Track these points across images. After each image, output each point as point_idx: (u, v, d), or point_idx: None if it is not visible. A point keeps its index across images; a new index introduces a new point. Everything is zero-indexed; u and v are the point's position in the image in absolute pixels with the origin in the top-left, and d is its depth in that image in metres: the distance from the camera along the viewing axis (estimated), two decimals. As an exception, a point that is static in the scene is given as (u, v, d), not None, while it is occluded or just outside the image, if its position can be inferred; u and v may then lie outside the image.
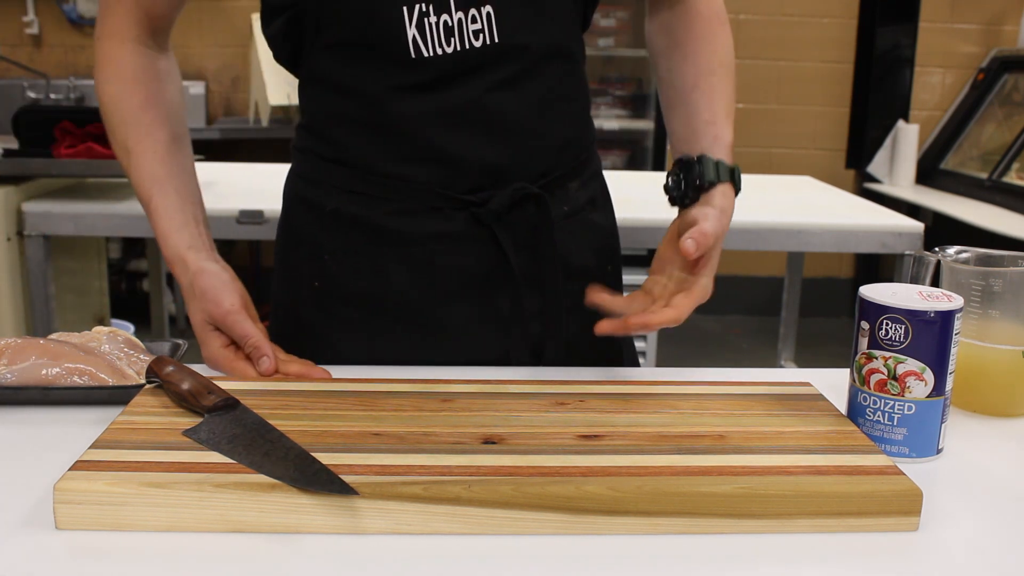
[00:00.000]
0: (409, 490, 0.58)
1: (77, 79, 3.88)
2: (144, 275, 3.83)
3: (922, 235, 2.08)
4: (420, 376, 0.81)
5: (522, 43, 0.88)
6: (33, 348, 0.81)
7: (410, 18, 0.85)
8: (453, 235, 0.91)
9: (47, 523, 0.59)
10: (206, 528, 0.58)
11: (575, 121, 0.97)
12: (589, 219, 0.99)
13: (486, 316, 0.93)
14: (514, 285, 0.92)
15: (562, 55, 0.92)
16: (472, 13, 0.85)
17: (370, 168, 0.91)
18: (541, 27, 0.89)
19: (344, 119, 0.91)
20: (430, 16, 0.85)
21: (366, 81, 0.89)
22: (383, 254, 0.92)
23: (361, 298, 0.94)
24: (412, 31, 0.85)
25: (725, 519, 0.60)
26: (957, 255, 0.84)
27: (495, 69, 0.88)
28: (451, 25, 0.85)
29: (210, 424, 0.67)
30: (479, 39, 0.86)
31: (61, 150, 2.01)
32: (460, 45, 0.86)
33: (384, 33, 0.86)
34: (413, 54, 0.86)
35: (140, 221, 2.01)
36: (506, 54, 0.88)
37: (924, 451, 0.72)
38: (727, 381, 0.82)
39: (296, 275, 0.98)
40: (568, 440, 0.67)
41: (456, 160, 0.89)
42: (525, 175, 0.91)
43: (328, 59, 0.90)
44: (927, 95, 4.08)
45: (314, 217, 0.95)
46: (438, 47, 0.86)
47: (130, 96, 0.91)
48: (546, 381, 0.80)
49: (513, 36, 0.87)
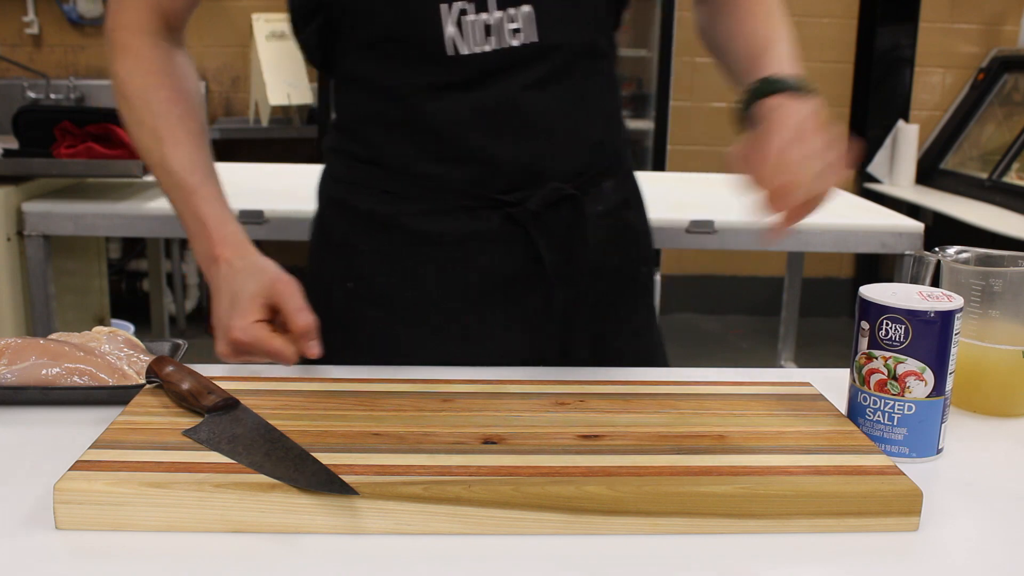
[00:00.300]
0: (409, 490, 0.58)
1: (77, 79, 3.88)
2: (144, 275, 3.83)
3: (922, 235, 2.08)
4: (420, 376, 0.81)
5: (559, 43, 0.88)
6: (33, 348, 0.81)
7: (449, 16, 0.85)
8: (487, 235, 0.91)
9: (47, 523, 0.59)
10: (206, 528, 0.58)
11: (608, 120, 0.97)
12: (623, 219, 0.99)
13: (516, 316, 0.93)
14: (545, 285, 0.92)
15: (596, 54, 0.93)
16: (511, 12, 0.85)
17: (404, 168, 0.91)
18: (577, 27, 0.90)
19: (378, 119, 0.91)
20: (469, 15, 0.85)
21: (401, 80, 0.88)
22: (416, 255, 0.92)
23: (393, 299, 0.93)
24: (451, 28, 0.85)
25: (725, 519, 0.60)
26: (957, 255, 0.84)
27: (531, 68, 0.88)
28: (491, 24, 0.85)
29: (210, 424, 0.67)
30: (517, 38, 0.86)
31: (61, 150, 2.01)
32: (499, 44, 0.86)
33: (420, 30, 0.86)
34: (450, 52, 0.86)
35: (140, 221, 2.02)
36: (543, 53, 0.88)
37: (924, 451, 0.72)
38: (727, 381, 0.82)
39: (329, 275, 0.98)
40: (568, 440, 0.67)
41: (491, 160, 0.89)
42: (559, 175, 0.91)
43: (363, 59, 0.90)
44: (927, 95, 4.08)
45: (348, 218, 0.95)
46: (475, 46, 0.86)
47: (157, 88, 0.90)
48: (546, 381, 0.80)
49: (551, 36, 0.87)
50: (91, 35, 3.91)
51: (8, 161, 2.02)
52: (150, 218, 2.01)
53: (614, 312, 0.97)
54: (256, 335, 0.81)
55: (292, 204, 2.07)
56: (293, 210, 2.03)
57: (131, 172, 2.01)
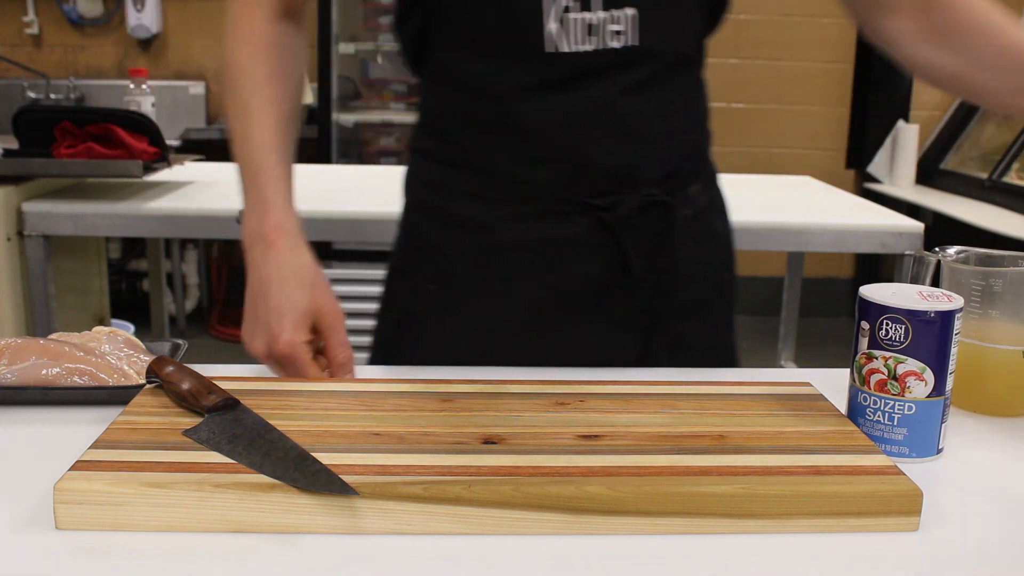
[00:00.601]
0: (409, 490, 0.58)
1: (77, 79, 3.88)
2: (144, 275, 3.83)
3: (922, 235, 2.08)
4: (420, 376, 0.81)
5: (659, 48, 0.88)
6: (33, 348, 0.81)
7: (551, 11, 0.85)
8: (575, 240, 0.91)
9: (47, 523, 0.59)
10: (206, 528, 0.58)
11: (698, 126, 0.97)
12: (709, 224, 0.99)
13: (599, 320, 0.93)
14: (630, 289, 0.92)
15: (691, 61, 0.93)
16: (615, 13, 0.85)
17: (494, 171, 0.91)
18: (677, 33, 0.90)
19: (469, 119, 0.91)
20: (573, 12, 0.85)
21: (496, 78, 0.88)
22: (503, 259, 0.92)
23: (477, 303, 0.93)
24: (552, 25, 0.85)
25: (725, 519, 0.60)
26: (957, 255, 0.84)
27: (628, 72, 0.88)
28: (593, 24, 0.85)
29: (210, 424, 0.67)
30: (618, 40, 0.86)
31: (61, 150, 2.01)
32: (599, 44, 0.86)
33: (521, 25, 0.85)
34: (549, 49, 0.85)
35: (140, 221, 2.02)
36: (642, 58, 0.88)
37: (924, 451, 0.72)
38: (727, 381, 0.82)
39: (413, 276, 0.98)
40: (568, 440, 0.67)
41: (583, 163, 0.89)
42: (650, 179, 0.91)
43: (457, 56, 0.90)
44: (927, 95, 4.08)
45: (435, 221, 0.95)
46: (576, 44, 0.85)
47: (261, 64, 0.89)
48: (546, 381, 0.80)
49: (651, 40, 0.87)
50: (91, 35, 3.91)
51: (8, 161, 2.02)
52: (150, 218, 2.02)
53: (695, 317, 0.97)
54: (299, 356, 0.80)
55: (292, 204, 2.07)
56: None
57: (131, 172, 2.01)
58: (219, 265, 4.07)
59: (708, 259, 0.99)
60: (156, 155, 2.06)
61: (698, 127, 0.97)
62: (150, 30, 3.81)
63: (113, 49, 3.93)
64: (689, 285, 0.96)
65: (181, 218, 2.02)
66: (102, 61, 3.94)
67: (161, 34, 3.90)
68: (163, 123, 2.23)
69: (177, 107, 3.90)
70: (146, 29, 3.80)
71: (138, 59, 3.93)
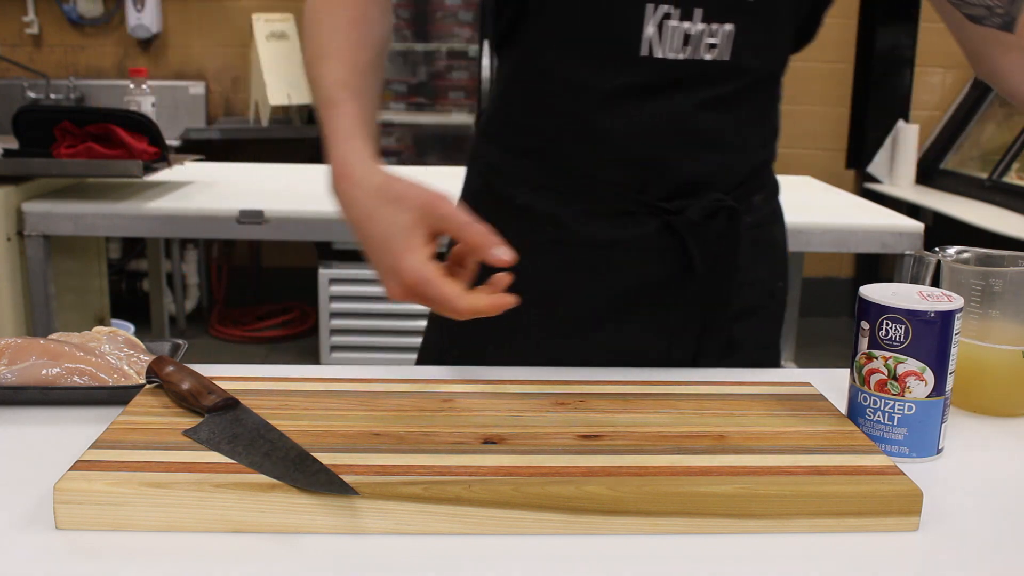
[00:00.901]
0: (409, 490, 0.58)
1: (77, 79, 3.88)
2: (144, 275, 3.83)
3: (922, 235, 2.08)
4: (420, 376, 0.81)
5: (748, 66, 0.89)
6: (33, 348, 0.81)
7: (652, 17, 0.85)
8: (641, 241, 0.91)
9: (47, 523, 0.59)
10: (206, 528, 0.58)
11: (769, 141, 0.98)
12: (770, 233, 1.00)
13: (656, 321, 0.93)
14: (690, 293, 0.92)
15: (774, 78, 0.94)
16: (713, 27, 0.86)
17: (568, 166, 0.91)
18: (767, 52, 0.90)
19: (549, 113, 0.90)
20: (672, 20, 0.85)
21: (586, 77, 0.88)
22: (567, 254, 0.92)
23: (538, 296, 0.92)
24: (650, 29, 0.85)
25: (725, 519, 0.60)
26: (957, 255, 0.84)
27: (714, 86, 0.88)
28: (691, 34, 0.85)
29: (210, 424, 0.67)
30: (711, 53, 0.86)
31: (61, 150, 2.01)
32: (693, 55, 0.86)
33: (620, 26, 0.85)
34: (643, 52, 0.86)
35: (140, 221, 2.02)
36: (730, 73, 0.88)
37: (924, 451, 0.72)
38: (727, 381, 0.82)
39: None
40: (568, 440, 0.67)
41: (658, 169, 0.89)
42: (721, 187, 0.92)
43: (547, 50, 0.89)
44: (927, 95, 4.08)
45: (499, 209, 0.93)
46: (670, 51, 0.86)
47: (343, 10, 0.86)
48: (546, 381, 0.80)
49: (743, 58, 0.88)
50: (91, 35, 3.91)
51: (8, 161, 2.02)
52: (150, 218, 2.02)
53: (747, 321, 0.98)
54: (429, 278, 0.71)
55: (292, 204, 2.07)
56: (293, 210, 2.04)
57: (131, 172, 2.01)
58: (219, 265, 4.07)
59: (766, 266, 1.00)
60: (156, 155, 2.06)
61: (769, 142, 0.98)
62: (150, 30, 3.81)
63: (113, 49, 3.93)
64: (745, 290, 0.96)
65: (181, 218, 2.02)
66: (102, 61, 3.93)
67: (161, 34, 3.89)
68: (163, 123, 2.23)
69: (177, 107, 3.90)
70: (146, 29, 3.80)
71: (138, 59, 3.93)
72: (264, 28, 3.65)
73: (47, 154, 2.02)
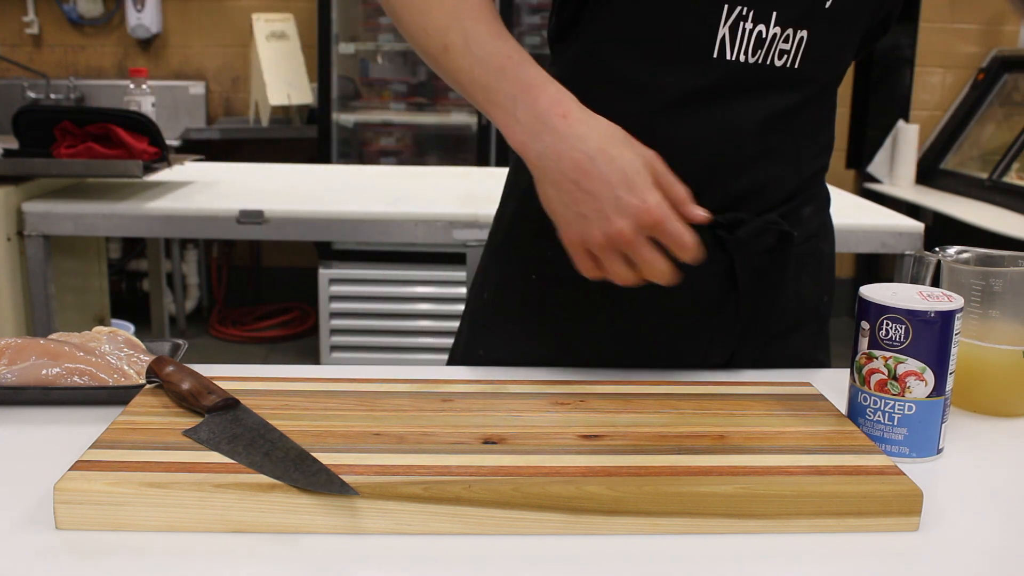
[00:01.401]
0: (409, 490, 0.58)
1: (77, 79, 3.88)
2: (144, 275, 3.84)
3: (922, 235, 2.08)
4: (420, 376, 0.81)
5: (815, 76, 0.87)
6: (33, 348, 0.81)
7: (727, 17, 0.82)
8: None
9: (47, 523, 0.59)
10: (206, 528, 0.58)
11: (824, 152, 0.96)
12: (818, 247, 0.98)
13: (692, 329, 0.92)
14: (729, 305, 0.91)
15: (833, 87, 0.92)
16: (788, 32, 0.83)
17: None
18: (834, 64, 0.89)
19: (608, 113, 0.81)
20: (747, 22, 0.82)
21: (653, 77, 0.85)
22: None
23: (577, 296, 0.91)
24: (724, 30, 0.82)
25: (725, 519, 0.60)
26: (957, 255, 0.84)
27: (782, 94, 0.86)
28: (764, 38, 0.83)
29: (210, 424, 0.67)
30: (782, 59, 0.84)
31: (61, 150, 2.01)
32: (764, 60, 0.84)
33: (695, 24, 0.83)
34: (716, 54, 0.83)
35: (140, 221, 2.02)
36: (798, 81, 0.86)
37: (924, 451, 0.72)
38: (727, 381, 0.82)
39: (515, 263, 0.95)
40: (568, 440, 0.67)
41: (713, 177, 0.86)
42: (771, 198, 0.90)
43: (611, 48, 0.86)
44: (927, 95, 4.08)
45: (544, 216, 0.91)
46: (743, 54, 0.83)
47: None
48: (546, 381, 0.80)
49: (811, 67, 0.86)
50: (91, 35, 3.91)
51: (8, 161, 2.02)
52: (150, 218, 2.02)
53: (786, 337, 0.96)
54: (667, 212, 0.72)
55: (292, 204, 2.07)
56: (293, 210, 2.04)
57: (131, 172, 2.01)
58: (219, 265, 4.07)
59: (811, 281, 0.98)
60: (156, 155, 2.06)
61: (824, 152, 0.96)
62: (150, 30, 3.81)
63: (113, 49, 3.93)
64: (788, 306, 0.95)
65: (181, 218, 2.02)
66: (102, 61, 3.94)
67: (161, 34, 3.90)
68: (163, 123, 2.23)
69: (177, 107, 3.90)
70: (146, 29, 3.80)
71: (138, 59, 3.93)
72: (264, 28, 3.65)
73: (47, 154, 2.02)
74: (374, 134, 3.79)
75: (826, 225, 1.01)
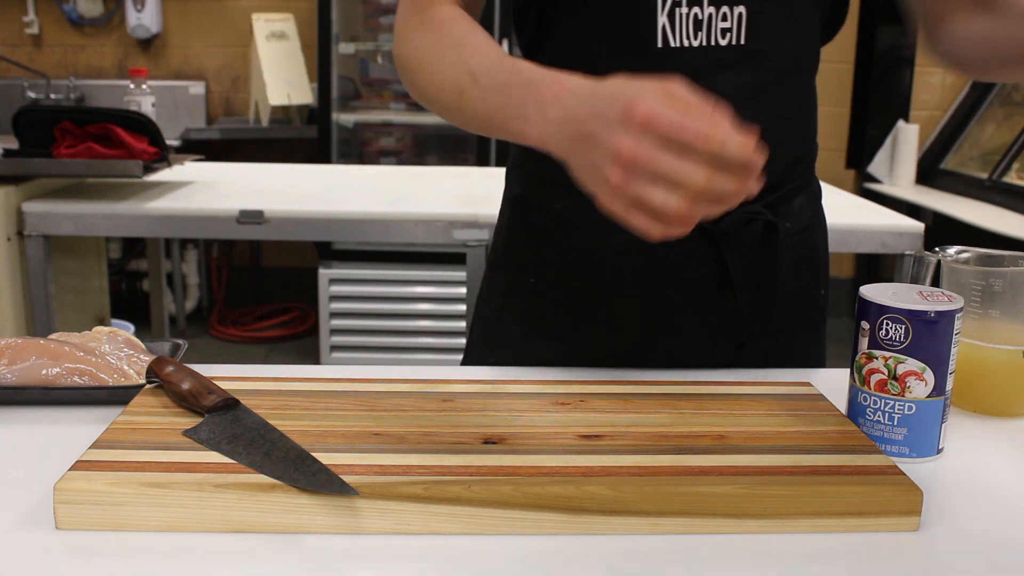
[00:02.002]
0: (409, 490, 0.58)
1: (77, 79, 3.88)
2: (144, 275, 3.84)
3: (922, 235, 2.08)
4: (420, 376, 0.81)
5: (769, 49, 0.87)
6: (33, 348, 0.81)
7: (663, 6, 0.85)
8: (678, 247, 0.88)
9: (47, 523, 0.59)
10: (206, 528, 0.58)
11: (807, 136, 0.96)
12: (811, 239, 0.98)
13: (694, 328, 0.92)
14: (727, 301, 0.91)
15: (803, 67, 0.92)
16: (724, 11, 0.85)
17: None
18: (789, 36, 0.89)
19: None
20: (682, 7, 0.84)
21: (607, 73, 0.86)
22: (605, 259, 0.91)
23: (575, 301, 0.93)
24: (663, 19, 0.85)
25: (725, 519, 0.60)
26: (957, 255, 0.84)
27: (739, 75, 0.87)
28: (700, 19, 0.85)
29: (210, 424, 0.67)
30: (726, 38, 0.85)
31: (61, 150, 2.01)
32: (707, 41, 0.85)
33: (634, 18, 0.85)
34: (660, 43, 0.85)
35: (140, 221, 2.02)
36: (751, 59, 0.87)
37: (924, 451, 0.72)
38: (727, 381, 0.82)
39: (515, 269, 0.97)
40: (568, 440, 0.67)
41: None
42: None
43: (571, 49, 0.89)
44: (927, 95, 4.08)
45: (538, 214, 0.94)
46: (685, 39, 0.85)
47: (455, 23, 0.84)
48: (546, 381, 0.80)
49: (759, 41, 0.86)
50: (91, 35, 3.91)
51: (8, 161, 2.02)
52: (150, 218, 2.02)
53: (790, 332, 0.97)
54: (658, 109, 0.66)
55: (292, 204, 2.07)
56: (293, 210, 2.04)
57: (131, 172, 2.01)
58: (219, 265, 4.07)
59: (808, 276, 0.98)
60: (156, 155, 2.06)
61: (808, 139, 0.96)
62: (150, 30, 3.81)
63: (113, 49, 3.93)
64: (787, 301, 0.95)
65: (181, 218, 2.03)
66: (102, 61, 3.94)
67: (161, 34, 3.90)
68: (163, 123, 2.23)
69: (177, 107, 3.90)
70: (146, 29, 3.80)
71: (138, 59, 3.93)
72: (264, 28, 3.65)
73: (47, 154, 2.02)
74: (374, 134, 3.80)
75: (819, 217, 1.01)
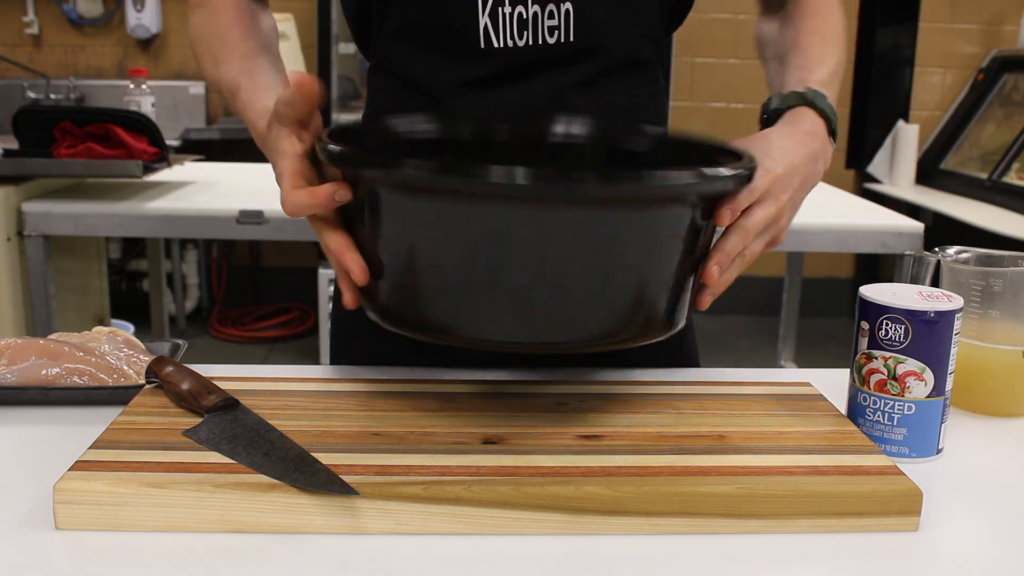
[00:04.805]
0: (409, 490, 0.58)
1: (77, 79, 3.88)
2: (144, 275, 3.84)
3: (922, 235, 2.08)
4: (420, 376, 0.81)
5: (600, 45, 0.86)
6: (33, 348, 0.81)
7: (483, 6, 0.83)
8: None
9: (47, 523, 0.59)
10: (206, 528, 0.58)
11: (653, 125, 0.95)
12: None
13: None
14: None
15: (641, 60, 0.91)
16: (550, 9, 0.83)
17: None
18: (621, 30, 0.88)
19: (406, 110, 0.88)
20: (504, 6, 0.83)
21: (432, 74, 0.87)
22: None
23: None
24: (484, 19, 0.83)
25: (725, 519, 0.60)
26: (957, 255, 0.84)
27: (569, 70, 0.86)
28: (525, 18, 0.83)
29: (210, 424, 0.67)
30: (554, 36, 0.84)
31: (61, 150, 2.01)
32: (533, 40, 0.84)
33: (454, 19, 0.84)
34: (483, 44, 0.84)
35: (140, 221, 2.02)
36: (580, 56, 0.86)
37: (924, 451, 0.72)
38: (727, 381, 0.82)
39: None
40: (568, 440, 0.67)
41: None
42: None
43: (395, 47, 0.89)
44: (927, 95, 4.08)
45: None
46: (509, 39, 0.84)
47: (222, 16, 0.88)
48: (546, 381, 0.80)
49: (591, 37, 0.85)
50: (91, 35, 3.91)
51: (8, 161, 2.02)
52: (150, 218, 2.02)
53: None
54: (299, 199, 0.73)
55: (292, 204, 2.07)
56: (293, 210, 2.03)
57: (131, 172, 2.01)
58: (219, 265, 4.07)
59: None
60: (156, 155, 2.06)
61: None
62: (150, 30, 3.81)
63: (113, 49, 3.93)
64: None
65: (181, 218, 2.03)
66: (102, 61, 3.94)
67: (161, 34, 3.90)
68: (163, 123, 2.23)
69: (177, 107, 3.90)
70: (146, 29, 3.80)
71: (138, 59, 3.93)
72: (264, 28, 3.64)
73: (47, 154, 2.02)
74: (374, 134, 3.79)
75: None
